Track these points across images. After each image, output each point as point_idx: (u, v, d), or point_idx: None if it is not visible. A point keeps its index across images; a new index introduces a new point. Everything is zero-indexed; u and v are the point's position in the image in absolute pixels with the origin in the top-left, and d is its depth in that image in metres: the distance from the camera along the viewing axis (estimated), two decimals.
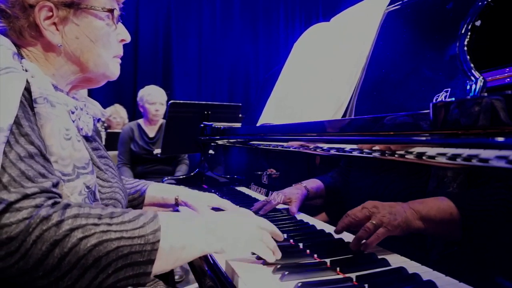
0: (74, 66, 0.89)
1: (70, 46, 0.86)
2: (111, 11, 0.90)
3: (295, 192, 1.07)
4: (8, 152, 0.64)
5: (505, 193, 0.51)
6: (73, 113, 0.86)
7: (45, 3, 0.81)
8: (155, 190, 1.23)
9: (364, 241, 0.74)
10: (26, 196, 0.61)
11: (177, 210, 1.32)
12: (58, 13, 0.83)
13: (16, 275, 0.60)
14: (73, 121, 0.86)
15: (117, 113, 4.64)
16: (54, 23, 0.83)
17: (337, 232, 0.85)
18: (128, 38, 0.98)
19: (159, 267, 0.66)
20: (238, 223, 0.80)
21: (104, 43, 0.90)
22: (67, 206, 0.64)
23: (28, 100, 0.74)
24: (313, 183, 1.01)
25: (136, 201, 1.19)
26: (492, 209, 0.53)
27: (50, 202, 0.63)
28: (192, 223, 0.76)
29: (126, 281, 0.64)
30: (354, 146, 0.77)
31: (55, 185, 0.69)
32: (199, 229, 0.74)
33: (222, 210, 1.14)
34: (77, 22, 0.86)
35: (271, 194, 1.23)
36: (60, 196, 0.69)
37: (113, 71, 0.95)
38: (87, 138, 0.95)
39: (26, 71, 0.77)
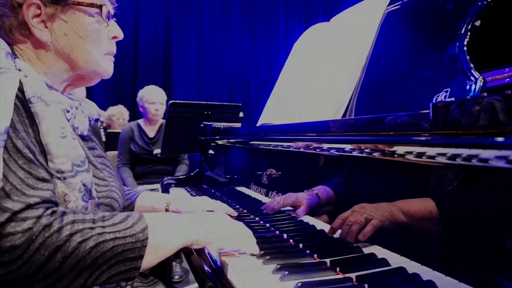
0: (65, 64, 0.89)
1: (60, 43, 0.86)
2: (99, 7, 0.89)
3: (306, 197, 1.05)
4: (7, 160, 0.66)
5: (505, 193, 0.51)
6: (68, 111, 0.86)
7: (33, 1, 0.81)
8: (145, 199, 1.22)
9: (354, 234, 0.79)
10: (29, 206, 0.64)
11: None
12: (46, 10, 0.83)
13: (16, 279, 0.63)
14: (68, 120, 0.86)
15: (121, 114, 4.63)
16: (43, 21, 0.83)
17: (329, 234, 0.89)
18: (120, 35, 0.96)
19: (147, 261, 0.72)
20: (225, 220, 0.88)
21: (93, 40, 0.89)
22: (64, 213, 0.68)
23: (22, 101, 0.75)
24: (324, 190, 1.00)
25: (126, 210, 1.19)
26: (492, 208, 0.53)
27: (49, 211, 0.67)
28: (175, 218, 0.83)
29: (118, 276, 0.69)
30: (354, 146, 0.77)
31: (53, 191, 0.71)
32: (182, 223, 0.81)
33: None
34: (65, 18, 0.85)
35: (280, 195, 1.23)
36: (57, 204, 0.72)
37: (105, 68, 0.94)
38: (83, 138, 0.95)
39: (19, 70, 0.78)
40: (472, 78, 0.69)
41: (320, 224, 0.98)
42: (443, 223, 0.61)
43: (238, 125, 1.92)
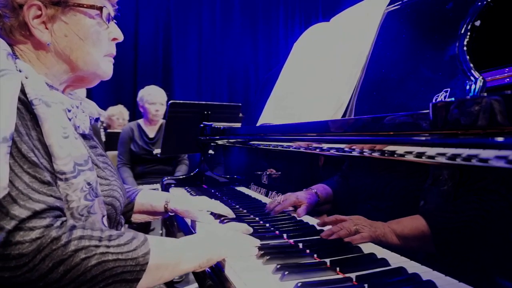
0: (65, 65, 0.89)
1: (60, 44, 0.86)
2: (100, 9, 0.89)
3: (306, 197, 1.05)
4: (13, 165, 0.67)
5: (505, 193, 0.51)
6: (69, 111, 0.86)
7: (33, 2, 0.81)
8: (145, 197, 1.22)
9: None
10: (36, 214, 0.66)
11: (167, 217, 1.32)
12: (46, 11, 0.83)
13: (19, 283, 0.65)
14: (70, 119, 0.86)
15: (121, 114, 4.62)
16: (43, 22, 0.83)
17: (318, 224, 0.95)
18: (120, 37, 0.97)
19: (144, 283, 0.73)
20: (218, 245, 0.85)
21: (94, 41, 0.89)
22: (73, 227, 0.70)
23: (24, 103, 0.75)
24: (323, 189, 1.00)
25: (125, 208, 1.18)
26: (491, 208, 0.53)
27: (58, 223, 0.69)
28: (178, 244, 0.82)
29: None
30: (354, 146, 0.77)
31: (58, 196, 0.72)
32: (182, 251, 0.80)
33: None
34: (65, 20, 0.85)
35: (280, 195, 1.23)
36: (62, 210, 0.73)
37: (105, 70, 0.94)
38: (84, 136, 0.95)
39: (20, 71, 0.78)
40: (472, 78, 0.69)
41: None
42: (443, 223, 0.61)
43: (238, 125, 1.92)
